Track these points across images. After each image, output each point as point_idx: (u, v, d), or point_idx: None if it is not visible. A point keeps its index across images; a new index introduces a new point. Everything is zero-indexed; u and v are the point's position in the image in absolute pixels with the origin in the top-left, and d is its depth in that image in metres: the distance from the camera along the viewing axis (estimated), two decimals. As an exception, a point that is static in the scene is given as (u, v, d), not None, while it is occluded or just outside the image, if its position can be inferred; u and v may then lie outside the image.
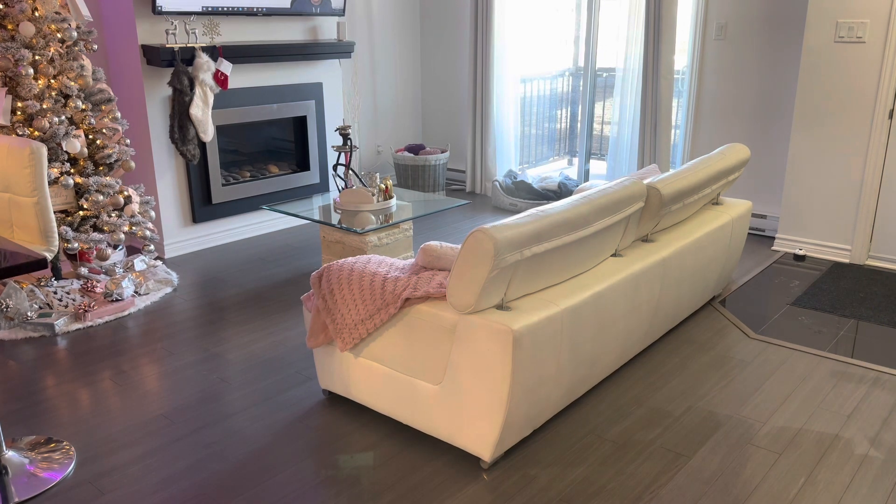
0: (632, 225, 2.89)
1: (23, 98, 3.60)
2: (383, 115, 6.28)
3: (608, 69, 5.65)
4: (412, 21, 6.34)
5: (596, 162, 6.12)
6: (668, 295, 3.09)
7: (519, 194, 5.62)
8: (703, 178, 3.24)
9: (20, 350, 3.28)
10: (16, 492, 2.27)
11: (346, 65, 5.81)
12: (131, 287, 3.80)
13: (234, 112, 4.71)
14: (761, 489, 2.30)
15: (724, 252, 3.55)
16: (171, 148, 4.48)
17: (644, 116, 5.12)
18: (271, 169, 5.12)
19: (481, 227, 2.17)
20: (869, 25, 4.06)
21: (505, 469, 2.40)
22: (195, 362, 3.17)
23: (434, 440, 2.57)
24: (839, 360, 3.17)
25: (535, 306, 2.33)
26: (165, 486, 2.32)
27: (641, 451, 2.51)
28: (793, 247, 4.59)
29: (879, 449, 2.52)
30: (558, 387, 2.50)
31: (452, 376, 2.32)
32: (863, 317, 3.61)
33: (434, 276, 2.43)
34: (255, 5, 4.60)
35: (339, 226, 3.82)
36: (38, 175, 3.23)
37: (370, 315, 2.46)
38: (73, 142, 3.70)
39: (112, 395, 2.89)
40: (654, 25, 4.92)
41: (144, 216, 4.06)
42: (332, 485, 2.32)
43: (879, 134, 4.14)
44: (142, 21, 4.22)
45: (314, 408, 2.78)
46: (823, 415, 2.73)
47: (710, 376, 3.03)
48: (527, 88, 6.31)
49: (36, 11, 3.63)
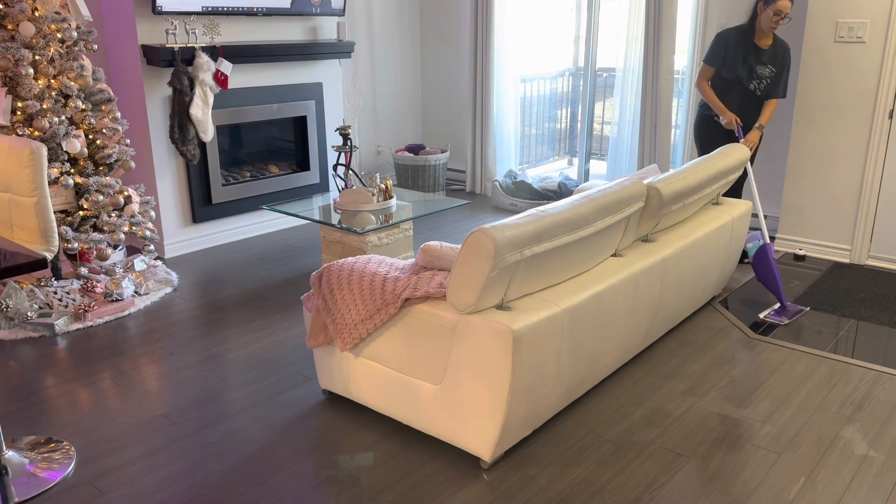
0: (632, 225, 2.89)
1: (23, 98, 3.60)
2: (383, 115, 6.28)
3: (608, 69, 5.65)
4: (412, 21, 6.34)
5: (596, 162, 6.12)
6: (667, 295, 3.09)
7: (519, 194, 5.62)
8: (703, 178, 3.24)
9: (20, 350, 3.28)
10: (16, 492, 2.27)
11: (346, 65, 5.81)
12: (131, 287, 3.80)
13: (234, 112, 4.71)
14: (761, 489, 2.30)
15: (723, 252, 3.55)
16: (171, 148, 4.48)
17: (644, 116, 5.12)
18: (271, 169, 5.12)
19: (481, 227, 2.17)
20: (869, 25, 4.06)
21: (505, 469, 2.40)
22: (195, 362, 3.17)
23: (434, 440, 2.57)
24: (839, 360, 3.17)
25: (535, 306, 2.33)
26: (165, 486, 2.32)
27: (641, 451, 2.51)
28: (793, 247, 4.59)
29: (879, 449, 2.52)
30: (558, 387, 2.50)
31: (452, 376, 2.32)
32: (863, 317, 3.61)
33: (434, 276, 2.43)
34: (255, 5, 4.60)
35: (339, 226, 3.82)
36: (38, 175, 3.23)
37: (370, 315, 2.46)
38: (73, 142, 3.70)
39: (112, 395, 2.89)
40: (654, 25, 4.91)
41: (144, 216, 4.06)
42: (332, 485, 2.33)
43: (879, 134, 4.14)
44: (142, 21, 4.22)
45: (314, 408, 2.78)
46: (823, 415, 2.73)
47: (710, 376, 3.03)
48: (527, 88, 6.31)
49: (36, 11, 3.63)
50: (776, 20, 3.86)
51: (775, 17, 3.85)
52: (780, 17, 3.85)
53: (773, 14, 3.85)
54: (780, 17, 3.85)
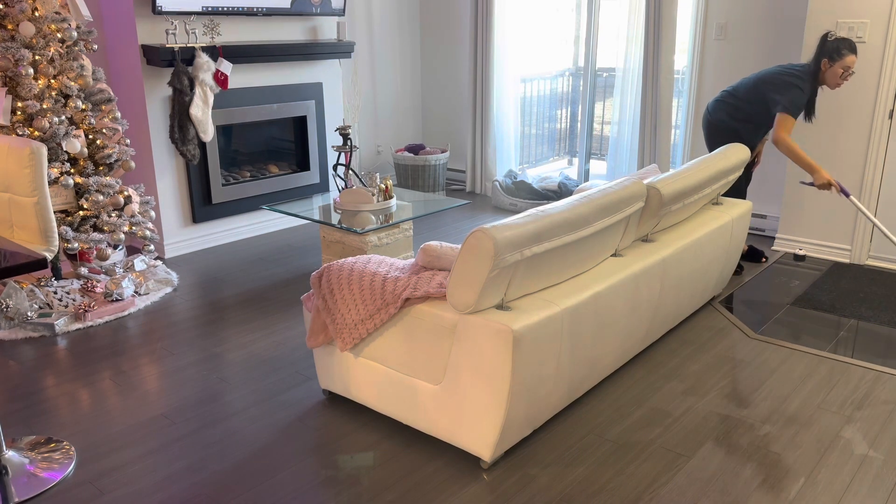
0: (632, 225, 2.89)
1: (23, 98, 3.60)
2: (383, 115, 6.28)
3: (608, 69, 5.65)
4: (412, 21, 6.34)
5: (596, 162, 6.12)
6: (668, 295, 3.09)
7: (519, 194, 5.62)
8: (703, 178, 3.24)
9: (20, 350, 3.28)
10: (16, 492, 2.28)
11: (346, 65, 5.81)
12: (131, 287, 3.80)
13: (234, 112, 4.71)
14: (761, 489, 2.30)
15: (724, 252, 3.55)
16: (171, 148, 4.48)
17: (644, 116, 5.12)
18: (271, 169, 5.12)
19: (481, 227, 2.17)
20: (869, 25, 4.06)
21: (505, 469, 2.40)
22: (195, 362, 3.17)
23: (434, 440, 2.57)
24: (839, 360, 3.17)
25: (535, 306, 2.33)
26: (165, 486, 2.32)
27: (641, 451, 2.51)
28: (793, 247, 4.59)
29: (879, 449, 2.52)
30: (558, 387, 2.50)
31: (452, 376, 2.32)
32: (863, 317, 3.61)
33: (434, 276, 2.43)
34: (255, 5, 4.60)
35: (339, 226, 3.82)
36: (38, 175, 3.23)
37: (370, 315, 2.46)
38: (73, 142, 3.70)
39: (112, 395, 2.89)
40: (654, 25, 4.92)
41: (144, 216, 4.06)
42: (332, 485, 2.33)
43: (879, 134, 4.14)
44: (142, 21, 4.22)
45: (314, 408, 2.78)
46: (823, 415, 2.73)
47: (710, 376, 3.03)
48: (527, 88, 6.31)
49: (36, 11, 3.63)
50: (845, 76, 3.66)
51: (844, 74, 3.66)
52: (848, 73, 3.66)
53: (841, 71, 3.65)
54: (848, 73, 3.66)
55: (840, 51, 3.65)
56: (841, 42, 3.66)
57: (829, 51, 3.68)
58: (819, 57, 3.73)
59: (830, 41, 3.68)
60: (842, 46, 3.65)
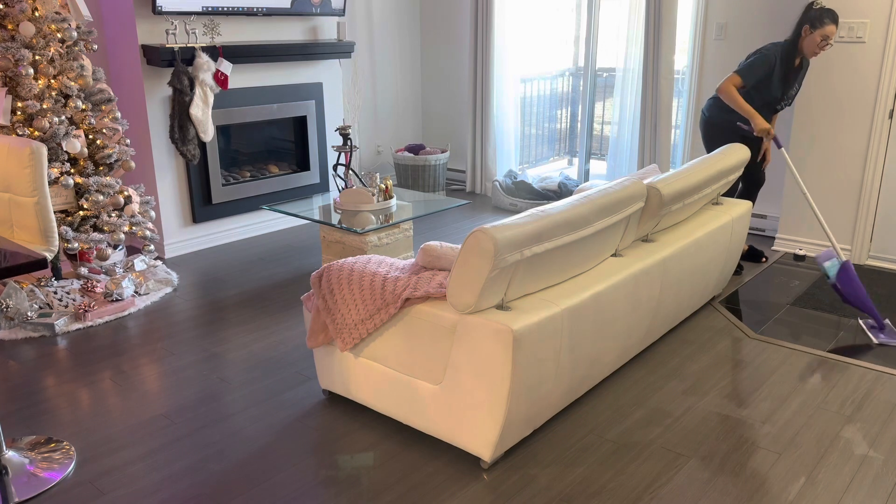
0: (632, 225, 2.89)
1: (23, 98, 3.60)
2: (383, 115, 6.28)
3: (608, 69, 5.65)
4: (412, 21, 6.34)
5: (596, 162, 6.12)
6: (667, 295, 3.09)
7: (519, 194, 5.62)
8: (703, 178, 3.24)
9: (20, 350, 3.28)
10: (16, 492, 2.28)
11: (346, 65, 5.81)
12: (131, 287, 3.80)
13: (234, 112, 4.71)
14: (761, 489, 2.30)
15: (724, 252, 3.55)
16: (171, 148, 4.48)
17: (644, 116, 5.12)
18: (271, 169, 5.12)
19: (481, 227, 2.17)
20: (869, 25, 4.05)
21: (505, 469, 2.40)
22: (195, 362, 3.17)
23: (434, 440, 2.57)
24: (839, 360, 3.17)
25: (535, 306, 2.33)
26: (165, 486, 2.32)
27: (641, 451, 2.51)
28: (793, 247, 4.59)
29: (879, 449, 2.52)
30: (558, 387, 2.50)
31: (452, 376, 2.32)
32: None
33: (434, 276, 2.43)
34: (255, 5, 4.60)
35: (339, 226, 3.82)
36: (38, 175, 3.23)
37: (370, 315, 2.46)
38: (73, 142, 3.70)
39: (112, 395, 2.89)
40: (654, 25, 4.92)
41: (144, 216, 4.06)
42: (332, 485, 2.33)
43: (879, 134, 4.14)
44: (142, 21, 4.22)
45: (314, 408, 2.78)
46: (823, 415, 2.73)
47: (710, 376, 3.03)
48: (527, 88, 6.31)
49: (36, 11, 3.63)
50: (823, 45, 3.72)
51: (822, 43, 3.72)
52: (826, 43, 3.72)
53: (820, 39, 3.71)
54: (826, 43, 3.72)
55: (822, 19, 3.72)
56: (824, 11, 3.72)
57: (811, 17, 3.74)
58: (801, 23, 3.80)
59: (815, 9, 3.75)
60: (824, 15, 3.72)
